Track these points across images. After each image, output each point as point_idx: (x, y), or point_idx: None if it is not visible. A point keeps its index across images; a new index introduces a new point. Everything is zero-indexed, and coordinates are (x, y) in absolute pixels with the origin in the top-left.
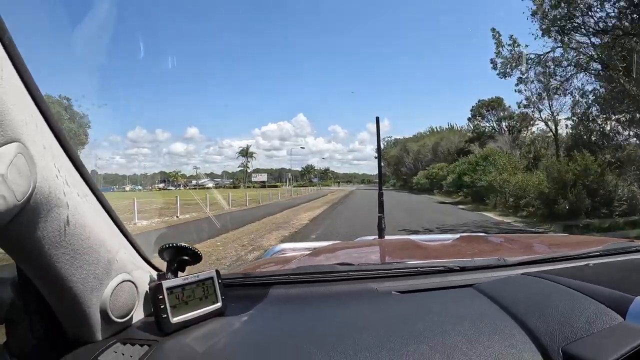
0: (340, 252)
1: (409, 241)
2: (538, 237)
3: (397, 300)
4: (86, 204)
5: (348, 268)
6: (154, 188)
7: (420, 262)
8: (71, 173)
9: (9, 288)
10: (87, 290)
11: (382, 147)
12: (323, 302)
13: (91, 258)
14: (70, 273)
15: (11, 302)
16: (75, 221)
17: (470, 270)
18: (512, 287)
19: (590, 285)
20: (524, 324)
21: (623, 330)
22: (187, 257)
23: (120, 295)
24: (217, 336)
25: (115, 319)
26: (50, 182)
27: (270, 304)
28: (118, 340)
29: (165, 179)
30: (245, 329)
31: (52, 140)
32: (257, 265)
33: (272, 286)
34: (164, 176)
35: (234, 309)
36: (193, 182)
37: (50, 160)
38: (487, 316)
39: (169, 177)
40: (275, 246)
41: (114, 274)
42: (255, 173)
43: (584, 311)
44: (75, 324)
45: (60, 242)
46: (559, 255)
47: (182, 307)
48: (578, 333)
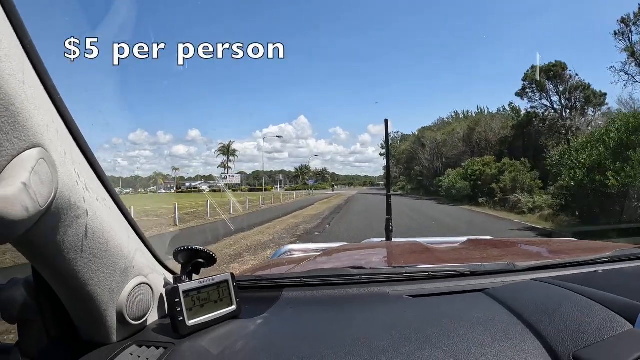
0: (350, 254)
1: (418, 244)
2: (546, 242)
3: (410, 305)
4: (105, 208)
5: (360, 272)
6: (147, 191)
7: (431, 266)
8: (91, 178)
9: (22, 288)
10: (104, 293)
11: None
12: (336, 305)
13: (109, 262)
14: (88, 277)
15: (24, 303)
16: (94, 226)
17: (481, 275)
18: (523, 292)
19: (600, 293)
20: (535, 330)
21: (632, 337)
22: (202, 260)
23: (137, 298)
24: (233, 339)
25: (131, 321)
26: (71, 188)
27: (283, 306)
28: (134, 342)
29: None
30: (261, 331)
31: (73, 146)
32: (266, 266)
33: (284, 289)
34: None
35: (248, 311)
36: (187, 185)
37: (70, 166)
38: (498, 322)
39: (150, 180)
40: (283, 247)
41: (131, 276)
42: (238, 174)
43: (595, 318)
44: (90, 326)
45: (80, 247)
46: (568, 261)
47: (198, 310)
48: (588, 339)
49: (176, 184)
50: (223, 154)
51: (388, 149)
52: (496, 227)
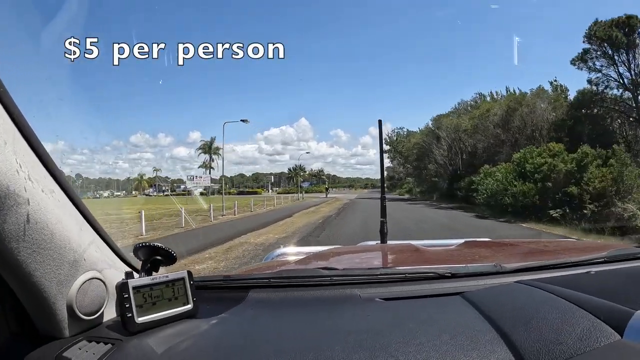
0: (335, 257)
1: (409, 246)
2: (543, 242)
3: (379, 308)
4: (52, 200)
5: (331, 273)
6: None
7: (409, 267)
8: (36, 169)
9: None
10: (51, 286)
11: (393, 139)
12: (302, 307)
13: (55, 254)
14: (33, 268)
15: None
16: (37, 216)
17: (462, 277)
18: (501, 296)
19: (586, 297)
20: (508, 339)
21: (619, 350)
22: (160, 258)
23: (88, 293)
24: (182, 338)
25: (83, 317)
26: (10, 177)
27: (246, 307)
28: (84, 337)
29: (153, 184)
30: (213, 331)
31: (16, 136)
32: (251, 270)
33: (251, 289)
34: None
35: (208, 311)
36: (182, 187)
37: (11, 156)
38: (469, 328)
39: (133, 182)
40: (275, 250)
41: (81, 270)
42: (207, 176)
43: (577, 326)
44: (43, 320)
45: (21, 237)
46: (558, 262)
47: (149, 308)
48: (567, 351)
49: (165, 185)
50: (204, 152)
51: (382, 150)
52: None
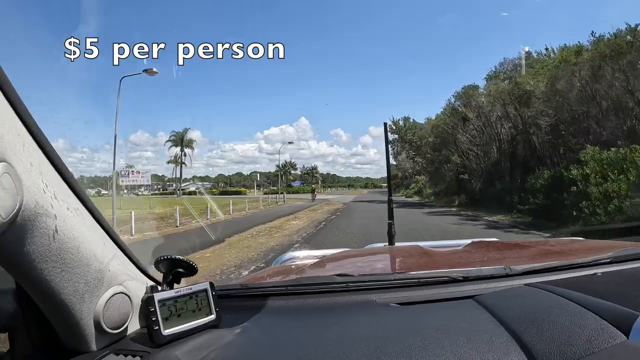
0: (346, 261)
1: (417, 248)
2: (549, 242)
3: (395, 313)
4: (76, 217)
5: (347, 279)
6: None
7: (423, 272)
8: (60, 187)
9: (10, 297)
10: (78, 302)
11: (400, 126)
12: (319, 314)
13: (81, 270)
14: (61, 285)
15: (14, 311)
16: (63, 234)
17: (473, 280)
18: (512, 299)
19: (593, 299)
20: (521, 341)
21: (625, 350)
22: (182, 270)
23: (113, 307)
24: (208, 349)
25: (109, 330)
26: (37, 198)
27: (266, 315)
28: (111, 351)
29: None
30: (238, 341)
31: (41, 157)
32: (261, 276)
33: (269, 297)
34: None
35: (230, 320)
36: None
37: (37, 177)
38: (484, 331)
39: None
40: (284, 254)
41: (106, 285)
42: (146, 172)
43: (585, 328)
44: (69, 335)
45: (49, 256)
46: (565, 264)
47: (175, 319)
48: (577, 353)
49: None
50: (175, 145)
51: (388, 153)
52: None
